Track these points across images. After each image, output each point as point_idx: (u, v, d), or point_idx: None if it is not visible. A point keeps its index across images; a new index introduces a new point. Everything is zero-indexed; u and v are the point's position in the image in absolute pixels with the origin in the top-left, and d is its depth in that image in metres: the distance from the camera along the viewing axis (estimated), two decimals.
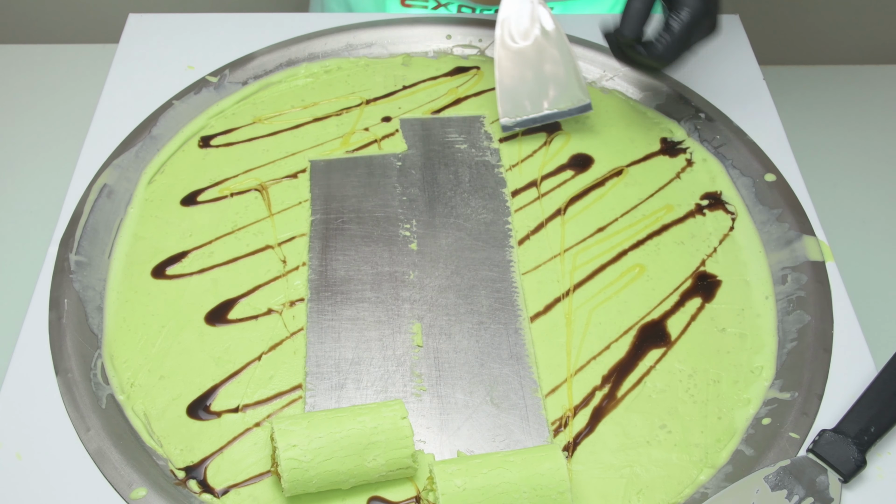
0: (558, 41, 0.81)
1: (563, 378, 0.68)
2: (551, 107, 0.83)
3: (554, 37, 0.81)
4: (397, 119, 0.87)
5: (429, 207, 0.79)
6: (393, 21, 0.94)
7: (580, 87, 0.83)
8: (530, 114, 0.83)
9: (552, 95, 0.83)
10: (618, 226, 0.78)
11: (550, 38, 0.81)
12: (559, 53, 0.82)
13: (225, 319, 0.70)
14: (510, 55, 0.81)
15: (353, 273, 0.74)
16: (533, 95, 0.83)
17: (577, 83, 0.83)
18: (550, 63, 0.82)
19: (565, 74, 0.83)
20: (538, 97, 0.83)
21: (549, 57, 0.82)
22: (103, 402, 0.65)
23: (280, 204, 0.79)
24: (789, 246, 0.75)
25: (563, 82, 0.83)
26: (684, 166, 0.84)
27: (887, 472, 0.62)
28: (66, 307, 0.69)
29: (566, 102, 0.83)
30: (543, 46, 0.81)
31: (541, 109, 0.83)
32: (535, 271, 0.75)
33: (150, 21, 0.94)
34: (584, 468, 0.63)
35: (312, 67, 0.90)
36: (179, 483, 0.61)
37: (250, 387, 0.66)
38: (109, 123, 0.83)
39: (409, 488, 0.61)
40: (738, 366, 0.69)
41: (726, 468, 0.63)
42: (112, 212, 0.77)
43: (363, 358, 0.68)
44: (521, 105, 0.83)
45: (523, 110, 0.83)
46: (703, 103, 0.87)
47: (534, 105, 0.83)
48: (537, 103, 0.83)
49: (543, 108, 0.83)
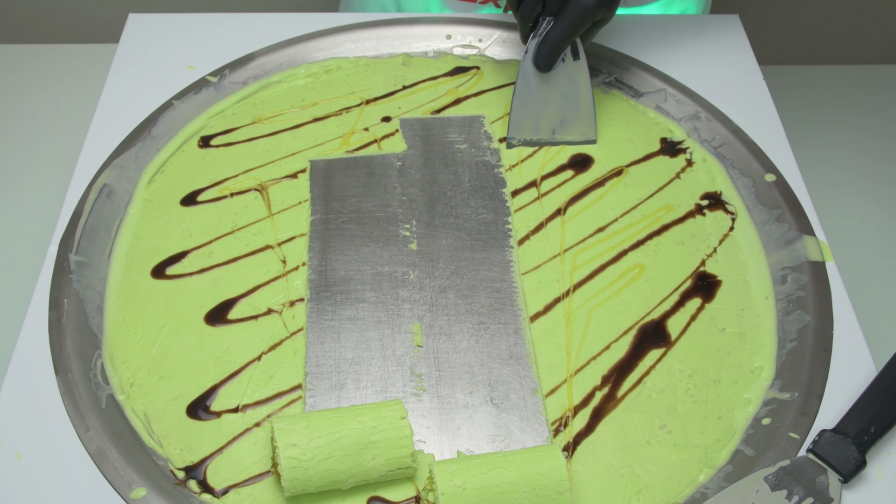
0: (581, 74, 0.81)
1: (562, 378, 0.68)
2: (558, 135, 0.84)
3: (578, 69, 0.81)
4: (397, 119, 0.87)
5: (429, 207, 0.79)
6: (393, 21, 0.94)
7: (591, 123, 0.84)
8: (537, 137, 0.84)
9: (562, 125, 0.83)
10: (618, 226, 0.78)
11: (575, 69, 0.81)
12: (579, 86, 0.82)
13: (225, 319, 0.70)
14: (532, 79, 0.81)
15: (352, 273, 0.74)
16: (545, 122, 0.83)
17: (589, 119, 0.83)
18: (569, 94, 0.82)
19: (580, 109, 0.83)
20: (549, 124, 0.83)
21: (569, 88, 0.82)
22: (103, 402, 0.65)
23: (280, 204, 0.79)
24: (789, 246, 0.75)
25: (577, 116, 0.83)
26: (684, 166, 0.84)
27: (887, 472, 0.62)
28: (65, 307, 0.69)
29: (574, 135, 0.84)
30: (566, 76, 0.81)
31: (548, 135, 0.84)
32: (535, 271, 0.75)
33: (150, 21, 0.94)
34: (583, 468, 0.63)
35: (312, 67, 0.90)
36: (179, 483, 0.61)
37: (250, 387, 0.66)
38: (109, 123, 0.83)
39: (408, 488, 0.61)
40: (737, 366, 0.69)
41: (726, 468, 0.63)
42: (112, 212, 0.77)
43: (363, 358, 0.68)
44: (531, 128, 0.83)
45: (531, 133, 0.83)
46: (703, 103, 0.87)
47: (542, 130, 0.83)
48: (546, 129, 0.83)
49: (551, 135, 0.84)
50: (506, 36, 0.93)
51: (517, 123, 0.83)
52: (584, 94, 0.82)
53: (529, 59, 0.80)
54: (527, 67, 0.81)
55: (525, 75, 0.81)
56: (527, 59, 0.80)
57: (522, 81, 0.81)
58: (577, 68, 0.81)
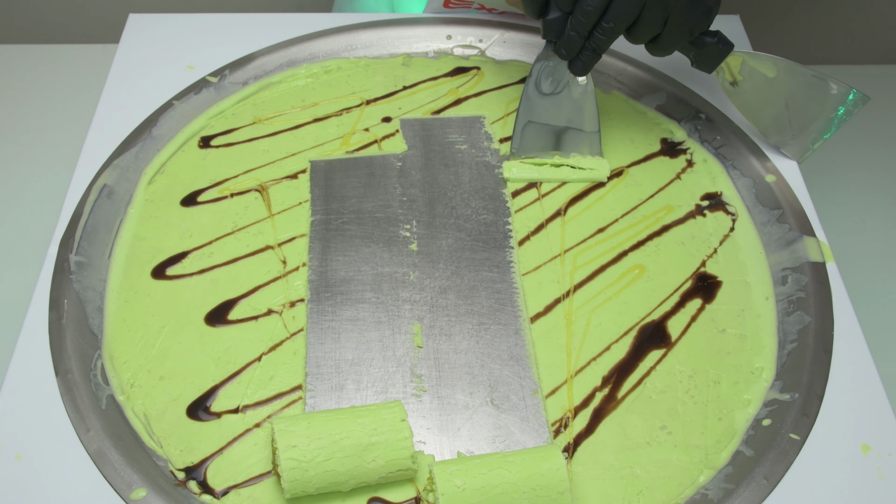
0: (585, 97, 0.80)
1: (563, 379, 0.68)
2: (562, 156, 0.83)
3: (583, 93, 0.80)
4: (397, 119, 0.86)
5: (429, 208, 0.79)
6: (393, 21, 0.94)
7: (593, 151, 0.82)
8: (538, 154, 0.82)
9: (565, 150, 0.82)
10: (618, 226, 0.78)
11: (581, 94, 0.79)
12: (582, 109, 0.80)
13: (225, 320, 0.70)
14: (534, 102, 0.80)
15: (353, 274, 0.74)
16: (547, 143, 0.82)
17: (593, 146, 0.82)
18: (573, 117, 0.81)
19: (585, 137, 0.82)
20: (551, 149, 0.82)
21: (572, 111, 0.81)
22: (103, 402, 0.65)
23: (280, 204, 0.79)
24: (789, 247, 0.75)
25: (580, 139, 0.82)
26: (685, 167, 0.84)
27: (887, 472, 0.62)
28: (66, 307, 0.69)
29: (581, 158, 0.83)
30: (570, 101, 0.80)
31: (549, 156, 0.83)
32: (536, 272, 0.75)
33: (150, 21, 0.94)
34: (584, 469, 0.63)
35: (313, 68, 0.90)
36: (179, 484, 0.61)
37: (250, 387, 0.66)
38: (109, 123, 0.83)
39: (409, 489, 0.61)
40: (738, 367, 0.69)
41: (726, 469, 0.63)
42: (112, 212, 0.77)
43: (363, 359, 0.68)
44: (533, 148, 0.82)
45: (532, 151, 0.82)
46: (704, 104, 0.87)
47: (544, 151, 0.82)
48: (547, 152, 0.82)
49: (552, 157, 0.83)
50: (506, 36, 0.93)
51: (521, 144, 0.81)
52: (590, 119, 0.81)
53: (535, 79, 0.79)
54: (531, 88, 0.79)
55: (528, 98, 0.79)
56: (531, 80, 0.79)
57: (526, 101, 0.80)
58: (583, 92, 0.79)
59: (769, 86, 0.78)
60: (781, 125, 0.80)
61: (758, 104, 0.80)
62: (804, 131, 0.80)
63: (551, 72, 0.78)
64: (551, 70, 0.78)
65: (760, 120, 0.81)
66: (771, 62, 0.77)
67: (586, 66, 0.76)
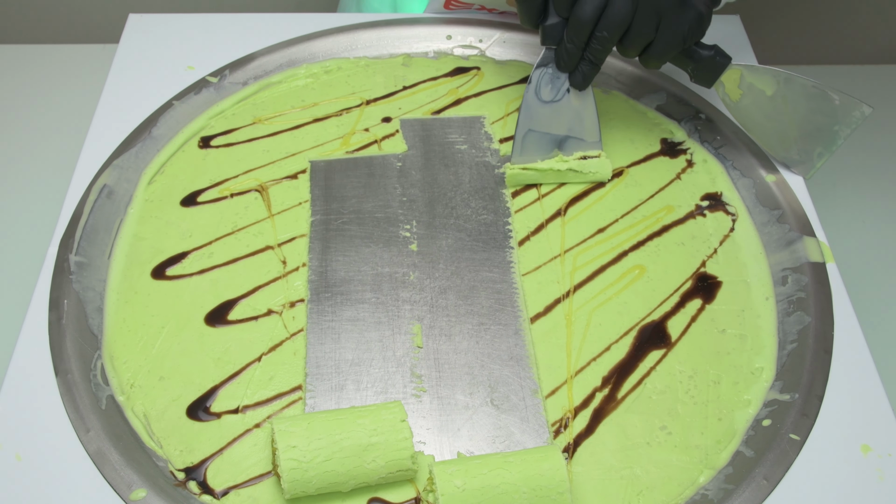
0: (585, 105, 0.80)
1: (563, 379, 0.68)
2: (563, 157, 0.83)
3: (584, 101, 0.79)
4: (397, 119, 0.86)
5: (429, 208, 0.79)
6: (393, 21, 0.94)
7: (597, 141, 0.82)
8: (538, 162, 0.82)
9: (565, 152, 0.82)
10: (618, 227, 0.78)
11: (581, 102, 0.79)
12: (583, 118, 0.80)
13: (225, 320, 0.70)
14: (534, 110, 0.79)
15: (353, 274, 0.74)
16: (548, 151, 0.81)
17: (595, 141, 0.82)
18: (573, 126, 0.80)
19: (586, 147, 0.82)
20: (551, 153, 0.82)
21: (573, 120, 0.80)
22: (103, 402, 0.65)
23: (280, 205, 0.79)
24: (790, 247, 0.75)
25: (581, 148, 0.82)
26: (685, 167, 0.84)
27: (887, 472, 0.62)
28: (65, 308, 0.69)
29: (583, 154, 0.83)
30: (571, 109, 0.80)
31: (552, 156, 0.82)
32: (536, 272, 0.74)
33: (150, 21, 0.94)
34: (583, 469, 0.63)
35: (312, 68, 0.90)
36: (179, 484, 0.61)
37: (250, 388, 0.66)
38: (109, 123, 0.83)
39: (409, 489, 0.61)
40: (738, 367, 0.69)
41: (726, 470, 0.63)
42: (112, 212, 0.77)
43: (363, 359, 0.68)
44: (534, 157, 0.82)
45: (532, 160, 0.82)
46: (704, 104, 0.87)
47: (544, 157, 0.82)
48: (547, 157, 0.82)
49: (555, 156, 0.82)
50: (506, 36, 0.93)
51: (520, 152, 0.80)
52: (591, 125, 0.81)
53: (535, 87, 0.78)
54: (531, 96, 0.79)
55: (527, 106, 0.79)
56: (531, 87, 0.79)
57: (526, 110, 0.79)
58: (581, 98, 0.79)
59: (770, 101, 0.78)
60: (785, 142, 0.80)
61: (760, 120, 0.80)
62: (809, 147, 0.79)
63: (551, 79, 0.78)
64: (551, 77, 0.78)
65: (764, 137, 0.81)
66: (770, 76, 0.77)
67: (587, 79, 0.77)
